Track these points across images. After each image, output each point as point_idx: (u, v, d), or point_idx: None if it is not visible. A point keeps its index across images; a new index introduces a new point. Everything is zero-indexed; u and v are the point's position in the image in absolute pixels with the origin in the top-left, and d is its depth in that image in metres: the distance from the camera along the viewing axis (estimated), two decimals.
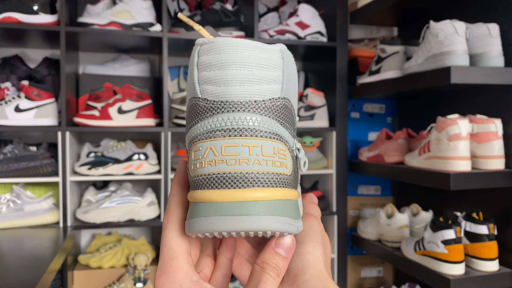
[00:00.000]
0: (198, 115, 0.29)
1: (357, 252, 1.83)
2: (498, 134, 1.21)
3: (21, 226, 1.42)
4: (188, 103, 0.31)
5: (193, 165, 0.29)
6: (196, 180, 0.29)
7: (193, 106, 0.30)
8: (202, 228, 0.28)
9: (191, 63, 0.30)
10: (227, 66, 0.29)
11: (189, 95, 0.31)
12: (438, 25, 1.24)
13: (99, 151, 1.58)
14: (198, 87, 0.29)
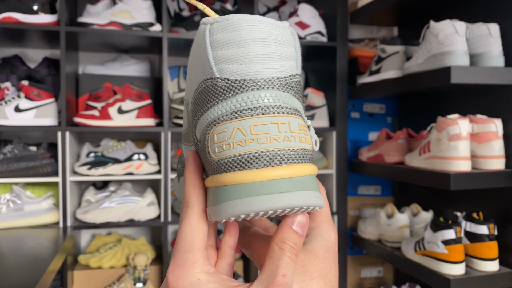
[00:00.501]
0: (216, 96, 0.28)
1: (357, 252, 1.83)
2: (498, 134, 1.21)
3: (21, 226, 1.42)
4: (200, 85, 0.29)
5: (217, 148, 0.28)
6: (223, 163, 0.28)
7: (209, 88, 0.29)
8: (238, 210, 0.27)
9: (201, 44, 0.29)
10: (247, 43, 0.28)
11: (201, 76, 0.29)
12: (438, 25, 1.24)
13: (99, 151, 1.58)
14: (215, 66, 0.28)
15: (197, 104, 0.30)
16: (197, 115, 0.30)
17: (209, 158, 0.29)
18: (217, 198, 0.29)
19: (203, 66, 0.29)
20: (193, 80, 0.31)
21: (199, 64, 0.29)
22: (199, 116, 0.30)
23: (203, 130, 0.29)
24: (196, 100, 0.30)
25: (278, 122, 0.28)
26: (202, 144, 0.30)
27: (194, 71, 0.30)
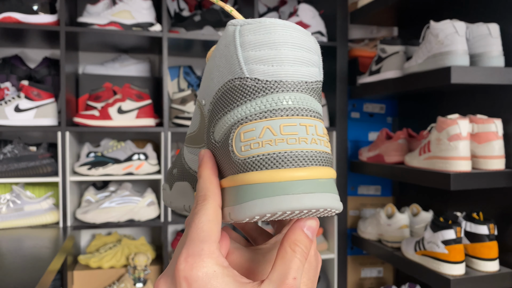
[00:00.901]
0: (245, 96, 0.29)
1: (357, 252, 1.83)
2: (498, 134, 1.21)
3: (21, 226, 1.42)
4: (225, 85, 0.30)
5: (243, 146, 0.28)
6: (250, 162, 0.28)
7: (236, 87, 0.29)
8: (266, 209, 0.27)
9: (229, 44, 0.29)
10: (280, 46, 0.28)
11: (227, 76, 0.30)
12: (438, 25, 1.24)
13: (99, 151, 1.58)
14: (245, 66, 0.29)
15: (219, 103, 0.30)
16: (218, 114, 0.30)
17: (233, 157, 0.29)
18: (241, 197, 0.28)
19: (230, 66, 0.29)
20: (215, 80, 0.31)
21: (226, 64, 0.30)
22: (221, 115, 0.30)
23: (225, 129, 0.30)
24: (219, 99, 0.30)
25: (306, 125, 0.28)
26: (222, 144, 0.30)
27: (217, 71, 0.31)
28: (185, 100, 1.70)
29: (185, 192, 0.40)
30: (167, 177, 0.44)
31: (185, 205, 0.40)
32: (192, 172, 0.38)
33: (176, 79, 1.84)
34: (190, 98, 1.71)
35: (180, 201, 0.40)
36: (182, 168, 0.39)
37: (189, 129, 0.38)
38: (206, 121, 0.32)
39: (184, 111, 1.69)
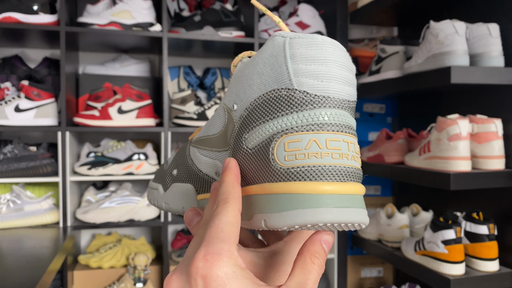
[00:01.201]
0: (292, 107, 0.29)
1: (357, 252, 1.83)
2: (498, 134, 1.21)
3: (21, 226, 1.42)
4: (269, 93, 0.31)
5: (287, 156, 0.29)
6: (294, 171, 0.29)
7: (282, 97, 0.30)
8: (308, 220, 0.28)
9: (278, 55, 0.30)
10: (330, 63, 0.29)
11: (271, 85, 0.30)
12: (438, 25, 1.24)
13: (99, 151, 1.58)
14: (294, 78, 0.29)
15: (258, 111, 0.31)
16: (255, 121, 0.31)
17: (274, 165, 0.29)
18: (281, 205, 0.29)
19: (277, 76, 0.30)
20: (255, 87, 0.31)
21: (271, 73, 0.30)
22: (259, 122, 0.31)
23: (265, 137, 0.30)
24: (259, 107, 0.31)
25: (348, 141, 0.30)
26: (257, 151, 0.31)
27: (259, 78, 0.31)
28: (185, 100, 1.70)
29: (187, 194, 0.39)
30: (159, 177, 0.43)
31: (184, 208, 0.40)
32: (202, 174, 0.37)
33: (176, 79, 1.84)
34: (190, 98, 1.71)
35: (178, 203, 0.40)
36: (186, 170, 0.39)
37: (204, 131, 0.37)
38: (236, 127, 0.33)
39: (184, 111, 1.69)
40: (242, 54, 0.35)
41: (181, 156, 0.41)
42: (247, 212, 0.32)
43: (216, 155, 0.35)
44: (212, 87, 1.86)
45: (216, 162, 0.36)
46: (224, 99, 0.35)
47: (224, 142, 0.34)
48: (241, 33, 1.64)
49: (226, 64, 1.96)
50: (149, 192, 0.44)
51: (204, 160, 0.37)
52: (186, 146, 0.41)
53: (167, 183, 0.41)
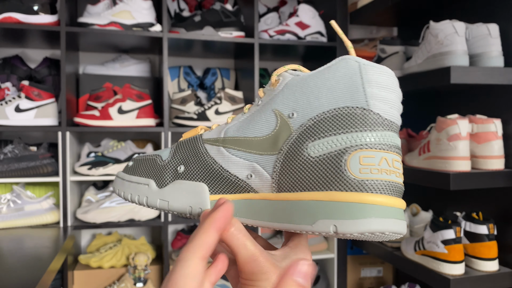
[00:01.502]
0: (366, 125, 0.33)
1: (357, 252, 1.83)
2: (497, 134, 1.21)
3: (21, 226, 1.42)
4: (342, 109, 0.34)
5: (361, 169, 0.33)
6: (367, 184, 0.32)
7: (358, 115, 0.33)
8: (378, 228, 0.32)
9: (353, 76, 0.34)
10: (395, 93, 0.35)
11: (345, 101, 0.34)
12: (438, 25, 1.24)
13: (99, 151, 1.59)
14: (370, 101, 0.33)
15: (328, 123, 0.34)
16: (323, 132, 0.34)
17: (346, 175, 0.33)
18: (354, 213, 0.32)
19: (352, 95, 0.34)
20: (324, 100, 0.35)
21: (345, 91, 0.34)
22: (328, 134, 0.34)
23: (335, 148, 0.34)
24: (328, 119, 0.34)
25: (400, 161, 0.35)
26: (321, 160, 0.34)
27: (330, 93, 0.35)
28: (185, 100, 1.70)
29: (197, 193, 0.39)
30: (148, 171, 0.42)
31: (192, 207, 0.39)
32: (228, 174, 0.38)
33: (176, 79, 1.85)
34: (190, 98, 1.71)
35: (183, 201, 0.39)
36: (202, 168, 0.39)
37: (238, 132, 0.38)
38: (294, 134, 0.35)
39: (184, 111, 1.69)
40: (289, 66, 0.38)
41: (193, 153, 0.40)
42: (305, 217, 0.34)
43: (256, 158, 0.37)
44: (212, 87, 1.87)
45: (253, 165, 0.37)
46: (275, 104, 0.37)
47: (273, 146, 0.36)
48: (241, 33, 1.64)
49: (226, 64, 1.96)
50: (127, 186, 0.42)
51: (236, 161, 0.37)
52: (194, 143, 0.40)
53: (166, 179, 0.40)
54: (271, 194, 0.36)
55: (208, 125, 1.62)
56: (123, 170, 0.44)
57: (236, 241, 0.33)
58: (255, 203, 0.37)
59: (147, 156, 0.43)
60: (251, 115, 0.39)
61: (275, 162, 0.36)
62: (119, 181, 0.43)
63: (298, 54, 1.85)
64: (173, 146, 0.42)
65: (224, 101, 1.67)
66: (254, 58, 1.61)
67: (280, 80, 0.38)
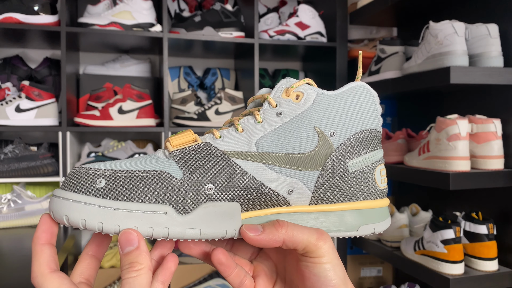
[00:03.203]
0: (379, 144, 0.41)
1: (357, 251, 1.83)
2: (497, 134, 1.22)
3: (21, 226, 1.42)
4: (365, 131, 0.40)
5: (382, 180, 0.41)
6: (382, 192, 0.41)
7: (376, 136, 0.41)
8: (390, 223, 0.42)
9: (371, 101, 0.40)
10: None
11: (369, 124, 0.40)
12: (438, 26, 1.24)
13: (99, 151, 1.59)
14: (379, 124, 0.41)
15: (360, 143, 0.40)
16: (359, 151, 0.39)
17: (376, 186, 0.40)
18: (382, 216, 0.41)
19: (372, 118, 0.40)
20: (355, 122, 0.39)
21: (368, 115, 0.40)
22: (362, 152, 0.40)
23: (367, 165, 0.40)
24: (361, 139, 0.40)
25: None
26: (358, 174, 0.39)
27: (358, 115, 0.40)
28: (185, 100, 1.71)
29: (230, 214, 0.35)
30: (163, 193, 0.34)
31: (227, 231, 0.35)
32: (267, 190, 0.37)
33: (176, 80, 1.85)
34: (190, 98, 1.71)
35: (218, 226, 0.35)
36: (236, 185, 0.36)
37: (282, 148, 0.37)
38: (336, 152, 0.39)
39: (184, 111, 1.69)
40: (307, 80, 0.40)
41: (221, 169, 0.36)
42: (349, 225, 0.39)
43: (299, 174, 0.38)
44: (212, 87, 1.87)
45: (295, 181, 0.37)
46: (313, 121, 0.38)
47: (316, 163, 0.38)
48: (241, 34, 1.64)
49: (226, 64, 1.96)
50: (124, 216, 0.32)
51: (278, 178, 0.37)
52: (216, 157, 0.36)
53: (189, 203, 0.34)
54: (307, 206, 0.38)
55: (208, 125, 1.62)
56: (84, 192, 0.33)
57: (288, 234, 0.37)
58: (292, 216, 0.38)
59: (138, 173, 0.34)
60: (281, 128, 0.38)
61: (317, 178, 0.38)
62: (94, 210, 0.32)
63: (298, 54, 1.85)
64: (176, 159, 0.36)
65: (224, 101, 1.67)
66: (254, 58, 1.61)
67: (305, 95, 0.39)
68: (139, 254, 0.32)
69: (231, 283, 0.38)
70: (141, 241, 0.32)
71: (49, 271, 0.32)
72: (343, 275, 0.36)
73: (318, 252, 0.35)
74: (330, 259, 0.36)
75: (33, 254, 0.33)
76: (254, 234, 0.35)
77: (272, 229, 0.36)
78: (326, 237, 0.36)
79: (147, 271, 0.32)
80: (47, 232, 0.34)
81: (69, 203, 0.32)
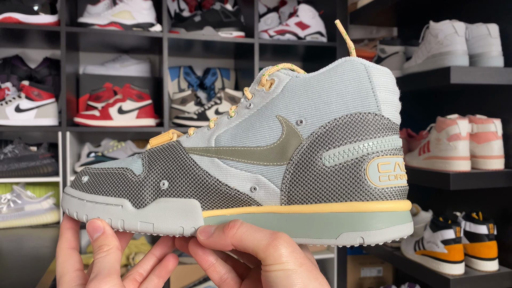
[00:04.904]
0: (380, 131, 0.32)
1: (357, 251, 1.83)
2: (497, 134, 1.21)
3: (21, 226, 1.42)
4: (354, 115, 0.32)
5: (380, 177, 0.32)
6: (387, 191, 0.32)
7: (371, 121, 0.32)
8: (402, 233, 0.32)
9: (362, 79, 0.32)
10: (397, 94, 0.35)
11: (357, 108, 0.32)
12: (438, 25, 1.24)
13: (99, 151, 1.59)
14: (382, 106, 0.33)
15: (341, 130, 0.32)
16: (338, 140, 0.32)
17: (367, 184, 0.32)
18: (380, 223, 0.31)
19: (363, 100, 0.32)
20: (334, 106, 0.33)
21: (356, 97, 0.32)
22: (343, 142, 0.32)
23: (351, 157, 0.32)
24: (341, 126, 0.32)
25: (404, 163, 0.34)
26: (338, 169, 0.32)
27: (340, 98, 0.33)
28: (185, 100, 1.71)
29: (187, 211, 0.35)
30: (117, 188, 0.36)
31: (184, 228, 0.35)
32: (227, 188, 0.34)
33: (176, 79, 1.85)
34: (190, 98, 1.71)
35: (173, 222, 0.35)
36: (192, 182, 0.35)
37: (240, 141, 0.35)
38: (305, 143, 0.33)
39: (184, 111, 1.69)
40: (281, 65, 0.35)
41: (176, 165, 0.35)
42: (326, 230, 0.32)
43: (260, 169, 0.33)
44: (212, 87, 1.87)
45: (257, 176, 0.33)
46: (277, 110, 0.34)
47: (280, 156, 0.33)
48: (241, 34, 1.64)
49: (226, 64, 1.96)
50: (91, 208, 0.36)
51: (236, 173, 0.34)
52: (174, 153, 0.36)
53: (145, 198, 0.35)
54: (279, 207, 0.34)
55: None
56: (74, 186, 0.38)
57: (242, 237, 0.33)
58: (260, 217, 0.34)
59: (109, 170, 0.37)
60: (245, 121, 0.35)
61: (284, 173, 0.33)
62: (75, 201, 0.37)
63: (298, 54, 1.85)
64: (142, 157, 0.37)
65: (224, 101, 1.67)
66: (254, 58, 1.61)
67: (276, 81, 0.35)
68: (105, 237, 0.35)
69: (210, 277, 0.37)
70: (106, 227, 0.36)
71: (67, 247, 0.38)
72: (305, 284, 0.30)
73: (268, 259, 0.30)
74: (286, 266, 0.30)
75: (59, 234, 0.38)
76: (204, 236, 0.33)
77: (220, 232, 0.32)
78: (282, 241, 0.30)
79: (115, 250, 0.35)
80: (69, 219, 0.39)
81: (67, 197, 0.38)
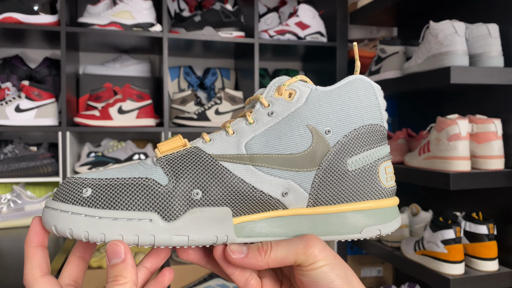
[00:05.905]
0: (383, 139, 0.39)
1: (357, 251, 1.83)
2: (497, 134, 1.21)
3: (21, 226, 1.42)
4: (366, 127, 0.38)
5: (387, 178, 0.38)
6: (392, 190, 0.39)
7: (378, 131, 0.38)
8: (399, 223, 0.39)
9: (371, 95, 0.38)
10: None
11: (369, 119, 0.38)
12: (438, 25, 1.24)
13: (99, 151, 1.59)
14: (384, 119, 0.39)
15: (359, 139, 0.37)
16: (358, 148, 0.37)
17: (379, 185, 0.38)
18: (390, 216, 0.38)
19: (373, 113, 0.38)
20: (353, 118, 0.37)
21: (368, 110, 0.38)
22: (362, 150, 0.37)
23: (368, 162, 0.37)
24: (359, 136, 0.37)
25: None
26: (358, 173, 0.37)
27: (357, 111, 0.38)
28: (185, 100, 1.71)
29: (221, 219, 0.34)
30: (148, 200, 0.34)
31: (218, 237, 0.34)
32: (260, 194, 0.35)
33: (176, 79, 1.85)
34: (190, 98, 1.71)
35: (208, 232, 0.34)
36: (226, 190, 0.35)
37: (273, 148, 0.36)
38: (332, 150, 0.37)
39: (184, 111, 1.69)
40: (299, 77, 0.39)
41: (208, 174, 0.35)
42: (352, 227, 0.37)
43: (292, 175, 0.36)
44: (212, 87, 1.87)
45: (289, 182, 0.36)
46: (306, 119, 0.37)
47: (311, 162, 0.36)
48: (241, 34, 1.64)
49: (226, 64, 1.96)
50: (107, 225, 0.32)
51: (270, 180, 0.35)
52: (203, 161, 0.35)
53: (176, 210, 0.34)
54: (305, 209, 0.37)
55: (208, 125, 1.62)
56: (68, 201, 0.33)
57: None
58: (287, 219, 0.36)
59: (122, 181, 0.34)
60: (272, 128, 0.37)
61: (314, 178, 0.36)
62: (80, 219, 0.32)
63: (298, 54, 1.85)
64: (162, 165, 0.35)
65: (224, 101, 1.67)
66: (254, 58, 1.61)
67: (297, 92, 0.38)
68: (124, 268, 0.32)
69: (236, 281, 0.37)
70: (127, 254, 0.32)
71: (40, 275, 0.34)
72: (344, 273, 0.34)
73: (310, 259, 0.34)
74: (326, 261, 0.34)
75: (26, 257, 0.34)
76: (238, 256, 0.35)
77: (255, 253, 0.35)
78: (314, 241, 0.34)
79: (131, 285, 0.32)
80: (39, 234, 0.35)
81: (57, 213, 0.33)
